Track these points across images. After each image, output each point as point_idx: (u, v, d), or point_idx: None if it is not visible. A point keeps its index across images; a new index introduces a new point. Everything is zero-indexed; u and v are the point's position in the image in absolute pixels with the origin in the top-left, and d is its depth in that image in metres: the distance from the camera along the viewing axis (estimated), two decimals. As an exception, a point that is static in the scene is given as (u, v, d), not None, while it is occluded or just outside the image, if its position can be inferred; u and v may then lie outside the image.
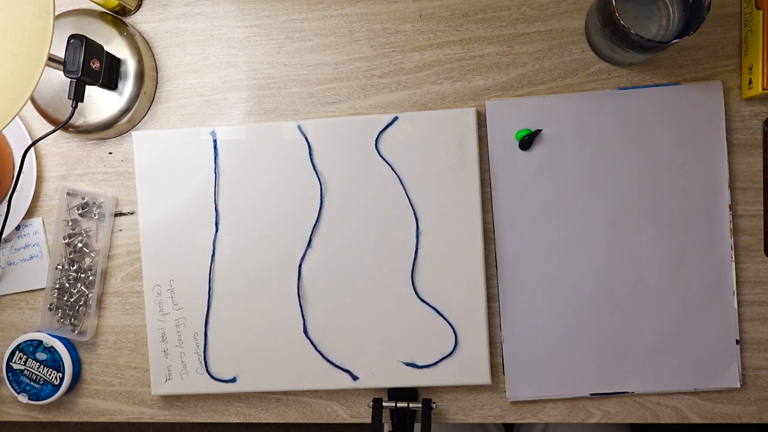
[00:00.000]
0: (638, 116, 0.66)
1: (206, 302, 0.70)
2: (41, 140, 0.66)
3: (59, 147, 0.74)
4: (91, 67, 0.63)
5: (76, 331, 0.73)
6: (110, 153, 0.74)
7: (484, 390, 0.70)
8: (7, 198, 0.69)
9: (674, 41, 0.56)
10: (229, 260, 0.70)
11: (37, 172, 0.73)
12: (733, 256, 0.66)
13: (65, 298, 0.73)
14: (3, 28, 0.51)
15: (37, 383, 0.73)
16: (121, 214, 0.74)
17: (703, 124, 0.65)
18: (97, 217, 0.73)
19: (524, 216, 0.67)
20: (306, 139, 0.69)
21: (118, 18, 0.71)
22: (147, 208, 0.71)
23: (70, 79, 0.63)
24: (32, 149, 0.70)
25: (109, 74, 0.68)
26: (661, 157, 0.66)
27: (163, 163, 0.70)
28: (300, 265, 0.69)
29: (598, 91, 0.66)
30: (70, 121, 0.69)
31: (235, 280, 0.70)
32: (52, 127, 0.66)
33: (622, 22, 0.56)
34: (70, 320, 0.73)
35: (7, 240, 0.75)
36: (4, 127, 0.53)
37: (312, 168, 0.69)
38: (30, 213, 0.74)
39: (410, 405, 0.68)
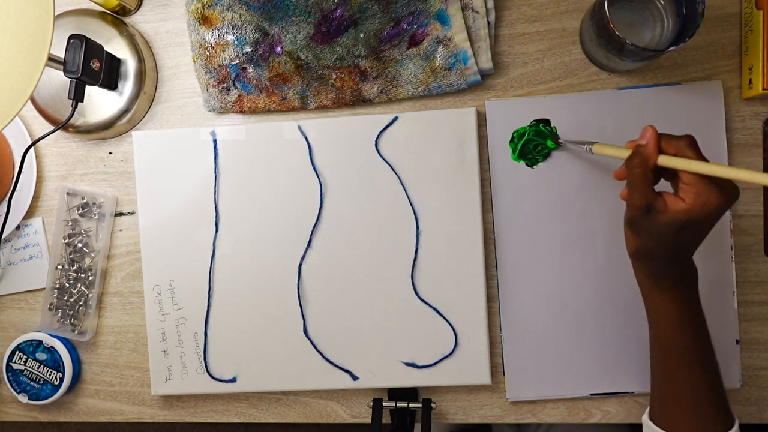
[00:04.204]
0: (638, 116, 0.66)
1: (206, 302, 0.70)
2: (41, 140, 0.66)
3: (59, 147, 0.74)
4: (91, 67, 0.63)
5: (76, 331, 0.73)
6: (110, 153, 0.74)
7: (484, 390, 0.70)
8: (7, 198, 0.69)
9: (670, 49, 0.56)
10: (229, 260, 0.70)
11: (37, 172, 0.73)
12: (733, 256, 0.66)
13: (65, 298, 0.73)
14: (3, 27, 0.51)
15: (37, 383, 0.73)
16: (121, 214, 0.74)
17: (703, 124, 0.65)
18: (97, 217, 0.73)
19: (524, 216, 0.67)
20: (306, 139, 0.69)
21: (118, 18, 0.71)
22: (147, 208, 0.71)
23: (70, 79, 0.63)
24: (32, 149, 0.70)
25: (109, 74, 0.68)
26: (661, 157, 0.66)
27: (163, 163, 0.70)
28: (300, 265, 0.69)
29: (598, 91, 0.66)
30: (70, 121, 0.68)
31: (235, 280, 0.70)
32: (52, 127, 0.66)
33: (617, 32, 0.56)
34: (70, 320, 0.73)
35: (7, 240, 0.75)
36: (4, 127, 0.53)
37: (312, 168, 0.69)
38: (30, 213, 0.74)
39: (410, 405, 0.68)
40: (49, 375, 0.73)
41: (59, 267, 0.73)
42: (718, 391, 0.55)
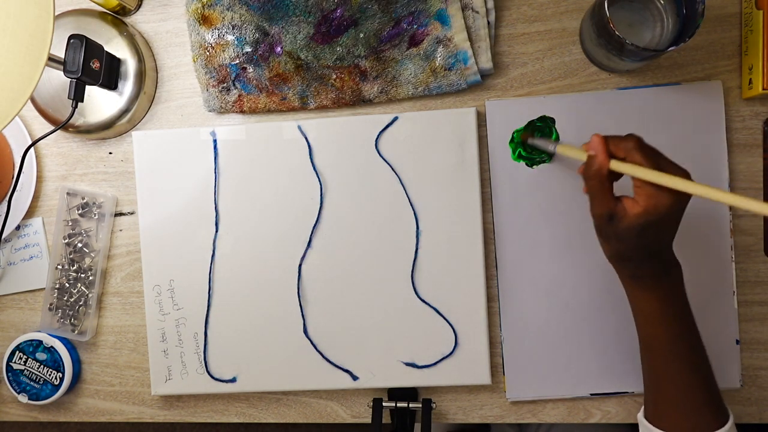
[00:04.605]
0: (638, 116, 0.66)
1: (206, 302, 0.70)
2: (41, 140, 0.66)
3: (59, 147, 0.74)
4: (91, 67, 0.63)
5: (76, 331, 0.73)
6: (110, 153, 0.74)
7: (484, 390, 0.70)
8: (7, 198, 0.69)
9: (670, 49, 0.56)
10: (229, 260, 0.70)
11: (37, 172, 0.73)
12: (733, 256, 0.66)
13: (65, 298, 0.73)
14: (3, 27, 0.51)
15: (37, 383, 0.73)
16: (121, 214, 0.74)
17: (703, 124, 0.65)
18: (97, 217, 0.73)
19: (524, 216, 0.67)
20: (306, 139, 0.69)
21: (118, 18, 0.71)
22: (147, 208, 0.71)
23: (70, 79, 0.63)
24: (32, 149, 0.70)
25: (109, 74, 0.68)
26: (661, 157, 0.66)
27: (163, 163, 0.70)
28: (300, 265, 0.69)
29: (598, 91, 0.66)
30: (70, 121, 0.68)
31: (235, 280, 0.70)
32: (52, 127, 0.66)
33: (617, 32, 0.56)
34: (70, 320, 0.73)
35: (7, 240, 0.75)
36: (4, 127, 0.53)
37: (312, 168, 0.69)
38: (30, 213, 0.74)
39: (410, 405, 0.68)
40: (49, 375, 0.73)
41: (59, 267, 0.73)
42: (709, 387, 0.55)
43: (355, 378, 0.69)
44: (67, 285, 0.73)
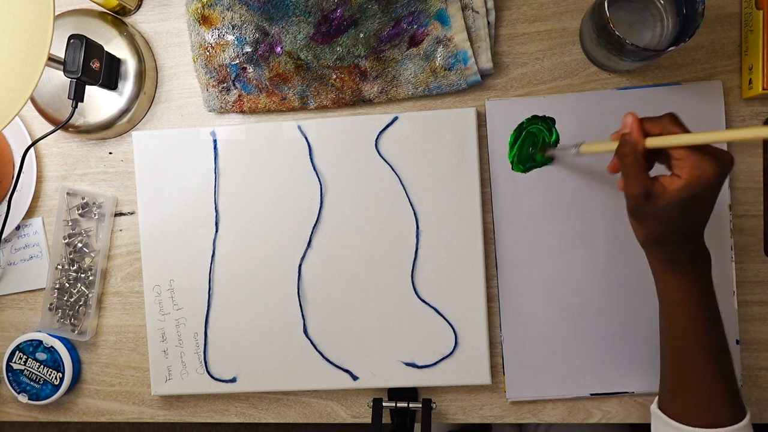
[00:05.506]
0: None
1: (206, 302, 0.70)
2: (41, 140, 0.66)
3: (59, 147, 0.74)
4: (91, 67, 0.63)
5: (76, 331, 0.73)
6: (110, 153, 0.74)
7: (484, 390, 0.70)
8: (7, 198, 0.69)
9: (669, 49, 0.56)
10: (229, 260, 0.70)
11: (37, 172, 0.73)
12: (733, 256, 0.66)
13: (65, 298, 0.73)
14: (3, 27, 0.51)
15: (37, 383, 0.73)
16: (121, 214, 0.74)
17: (703, 124, 0.65)
18: (97, 217, 0.73)
19: (524, 216, 0.67)
20: (306, 139, 0.69)
21: (118, 18, 0.71)
22: (147, 208, 0.71)
23: (70, 79, 0.63)
24: (32, 149, 0.70)
25: (109, 74, 0.68)
26: (661, 157, 0.66)
27: (163, 163, 0.70)
28: (300, 265, 0.69)
29: (598, 91, 0.66)
30: (70, 121, 0.69)
31: (235, 280, 0.70)
32: (52, 127, 0.66)
33: (617, 32, 0.56)
34: (70, 320, 0.73)
35: (7, 240, 0.75)
36: (4, 127, 0.53)
37: (312, 168, 0.69)
38: (30, 213, 0.74)
39: (410, 405, 0.68)
40: (49, 375, 0.73)
41: (59, 267, 0.73)
42: (728, 380, 0.54)
43: (355, 378, 0.69)
44: (67, 285, 0.73)
